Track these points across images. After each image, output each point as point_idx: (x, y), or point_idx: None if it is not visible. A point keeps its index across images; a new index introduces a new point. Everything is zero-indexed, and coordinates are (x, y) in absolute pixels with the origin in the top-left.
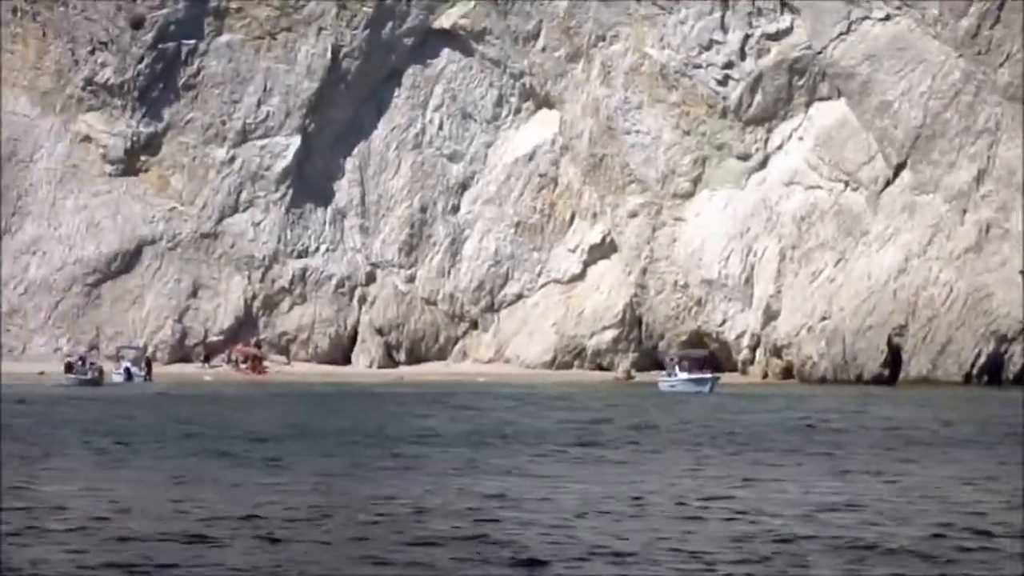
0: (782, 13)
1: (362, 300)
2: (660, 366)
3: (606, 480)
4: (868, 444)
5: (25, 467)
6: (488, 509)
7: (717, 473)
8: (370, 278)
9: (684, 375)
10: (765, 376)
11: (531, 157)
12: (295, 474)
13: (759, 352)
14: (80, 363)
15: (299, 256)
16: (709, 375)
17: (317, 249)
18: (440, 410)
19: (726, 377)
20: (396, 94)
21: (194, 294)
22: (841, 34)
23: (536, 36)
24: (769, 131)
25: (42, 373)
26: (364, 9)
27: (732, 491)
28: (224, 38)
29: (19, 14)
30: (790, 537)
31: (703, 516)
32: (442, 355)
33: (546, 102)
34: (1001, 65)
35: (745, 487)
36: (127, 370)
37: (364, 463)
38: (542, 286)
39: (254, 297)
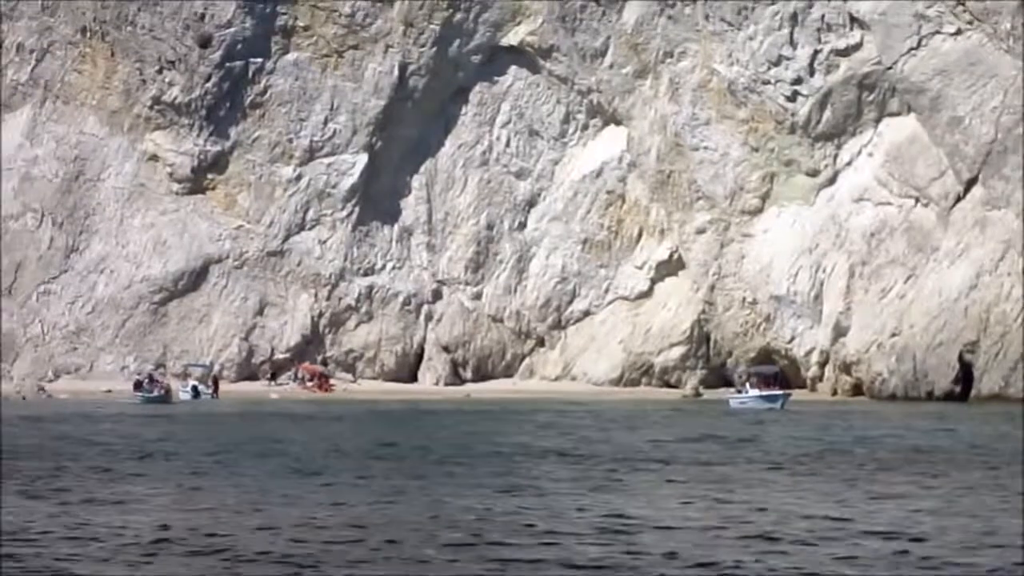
0: (852, 28)
1: (428, 317)
2: (727, 383)
3: (799, 502)
4: None
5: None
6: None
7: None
8: (436, 295)
9: (755, 392)
10: (834, 393)
11: (598, 174)
12: (411, 494)
13: (828, 369)
14: (148, 381)
15: (365, 274)
16: (780, 392)
17: (384, 267)
18: (528, 428)
19: (795, 394)
20: (463, 111)
21: (260, 312)
22: (911, 49)
23: (604, 53)
24: (838, 147)
25: (109, 391)
26: (431, 27)
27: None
28: (291, 56)
29: (88, 34)
30: None
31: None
32: (508, 372)
33: (613, 119)
34: None
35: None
36: (194, 388)
37: (480, 481)
38: (609, 303)
39: (320, 315)
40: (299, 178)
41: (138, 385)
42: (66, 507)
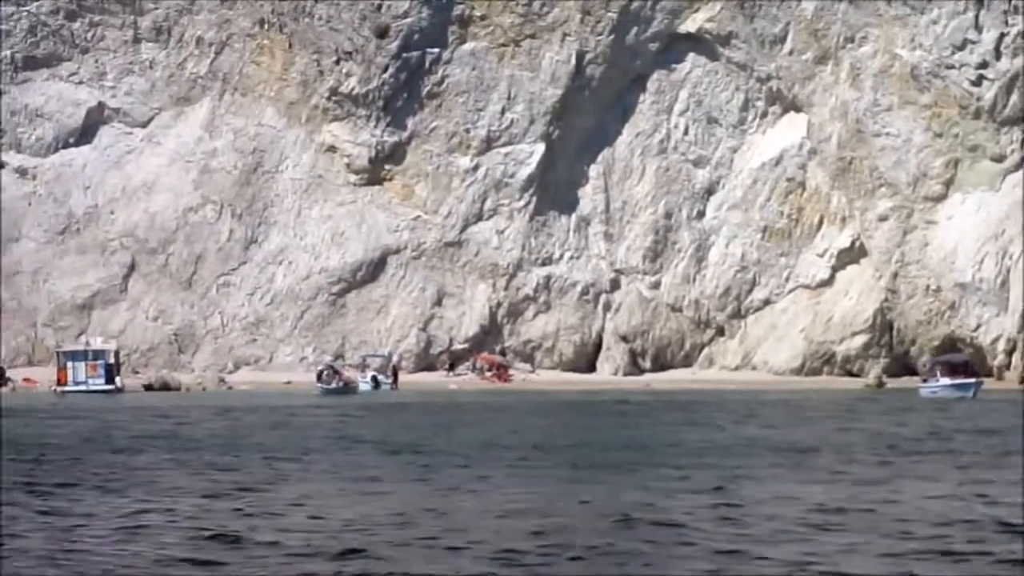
0: None
1: (607, 307)
2: (910, 372)
3: None
4: None
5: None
6: None
7: None
8: (615, 285)
9: (946, 380)
10: (1022, 381)
11: (778, 161)
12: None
13: (1016, 357)
14: (329, 372)
15: (543, 264)
16: (972, 380)
17: (561, 257)
18: (727, 418)
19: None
20: (640, 100)
21: (439, 302)
22: None
23: (783, 39)
24: None
25: (289, 383)
26: (608, 15)
27: None
28: (468, 46)
29: (265, 26)
30: None
31: None
32: (687, 362)
33: (793, 105)
34: None
35: None
36: (374, 378)
37: (712, 474)
38: (790, 291)
39: (498, 305)
40: (476, 168)
41: (320, 376)
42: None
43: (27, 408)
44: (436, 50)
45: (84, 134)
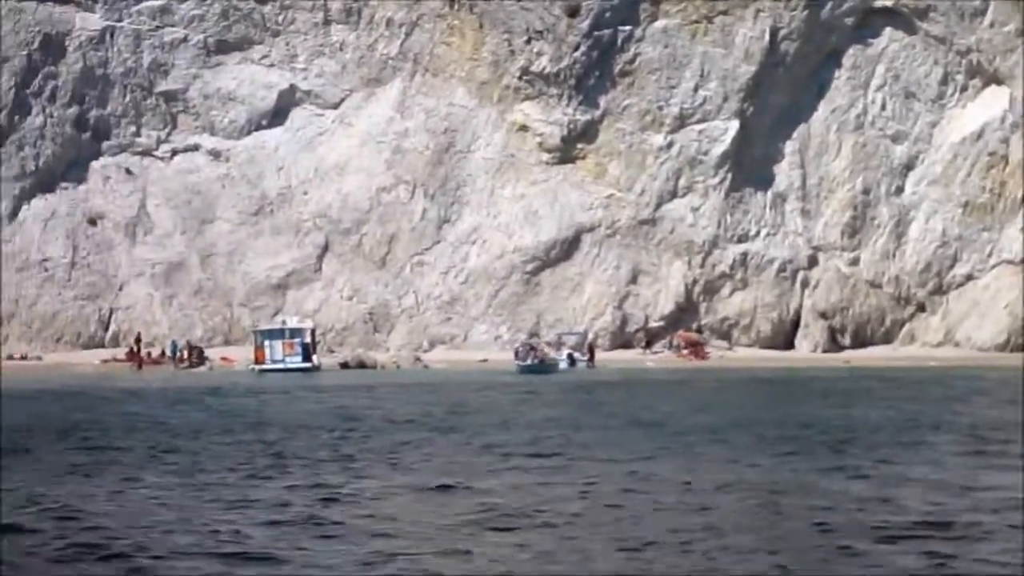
0: None
1: (804, 284)
2: None
3: None
4: None
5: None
6: None
7: None
8: (812, 261)
9: None
10: None
11: (979, 135)
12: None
13: None
14: (527, 350)
15: (739, 241)
16: None
17: (758, 233)
18: (960, 396)
19: None
20: (836, 75)
21: (634, 280)
22: None
23: (983, 11)
24: None
25: (484, 361)
26: None
27: None
28: (660, 23)
29: (456, 6)
30: None
31: None
32: (887, 339)
33: (994, 78)
34: None
35: None
36: (570, 356)
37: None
38: (993, 267)
39: (694, 282)
40: (670, 146)
41: (517, 353)
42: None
43: (243, 386)
44: (628, 28)
45: (276, 116)
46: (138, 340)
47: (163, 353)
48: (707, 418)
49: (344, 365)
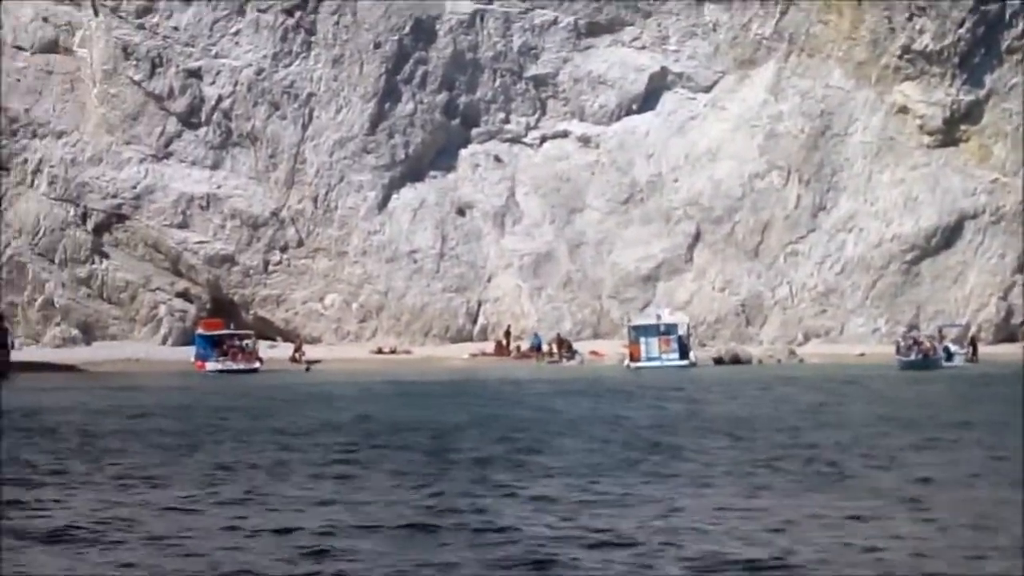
0: None
1: None
2: None
3: None
4: None
5: None
6: None
7: None
8: None
9: None
10: None
11: None
12: None
13: None
14: (911, 344)
15: None
16: None
17: None
18: None
19: None
20: None
21: (1020, 270)
22: None
23: None
24: None
25: (862, 355)
26: None
27: None
28: None
29: None
30: None
31: None
32: None
33: None
34: None
35: None
36: (946, 350)
37: None
38: None
39: None
40: None
41: (899, 348)
42: None
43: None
44: (1016, 1)
45: (647, 100)
46: (507, 333)
47: (533, 347)
48: None
49: (718, 360)
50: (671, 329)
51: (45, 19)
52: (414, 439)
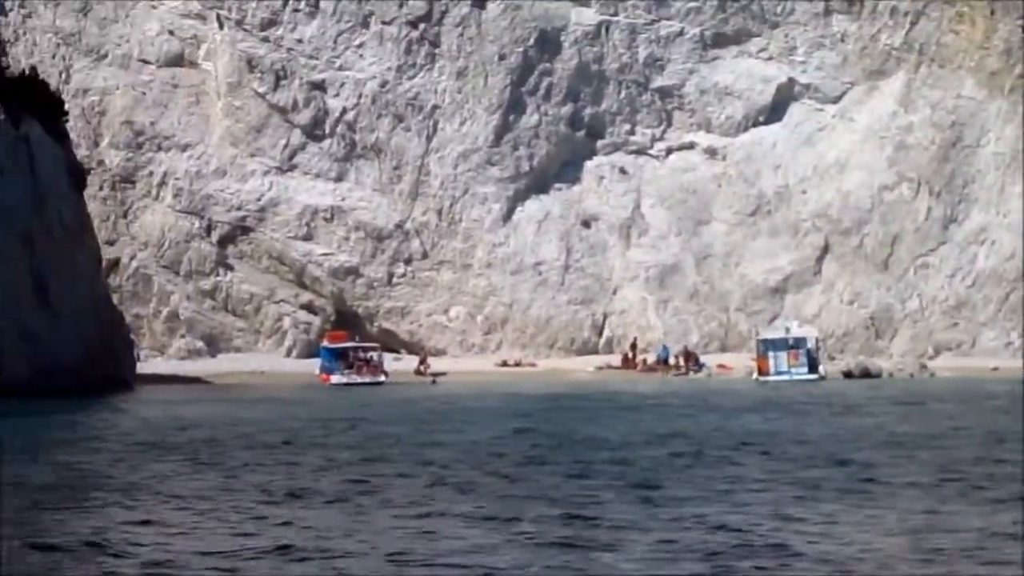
0: None
1: None
2: None
3: None
4: None
5: None
6: None
7: None
8: None
9: None
10: None
11: None
12: None
13: None
14: None
15: None
16: None
17: None
18: None
19: None
20: None
21: None
22: None
23: None
24: None
25: (995, 369)
26: None
27: None
28: None
29: None
30: None
31: None
32: None
33: None
34: None
35: None
36: None
37: None
38: None
39: None
40: None
41: None
42: None
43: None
44: None
45: (774, 112)
46: (633, 346)
47: (659, 360)
48: None
49: (847, 374)
50: (800, 342)
51: (171, 32)
52: (596, 454)
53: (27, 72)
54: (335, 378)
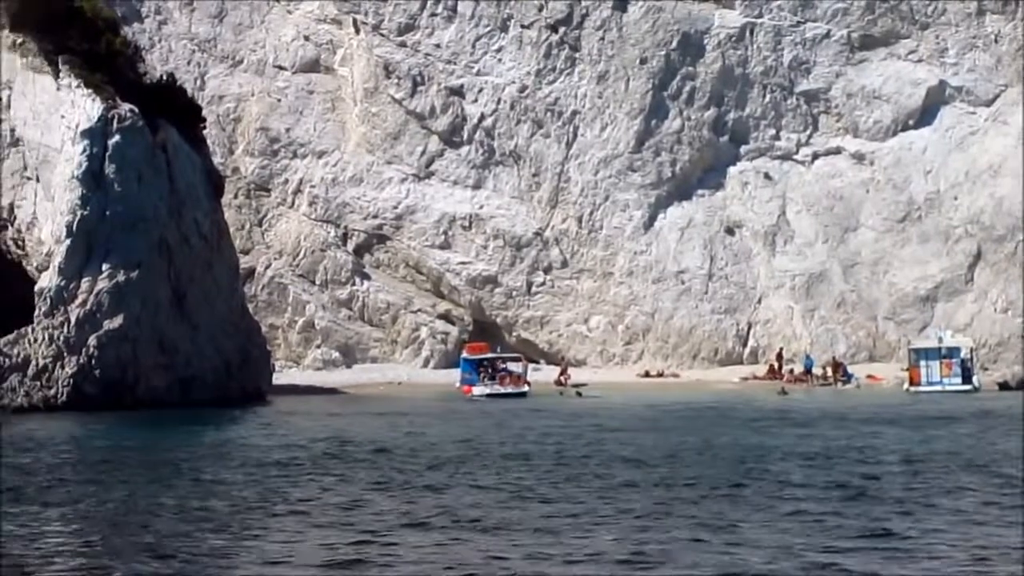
0: None
1: None
2: None
3: None
4: None
5: None
6: None
7: None
8: None
9: None
10: None
11: None
12: None
13: None
14: None
15: None
16: None
17: None
18: None
19: None
20: None
21: None
22: None
23: None
24: None
25: None
26: None
27: None
28: None
29: None
30: None
31: None
32: None
33: None
34: None
35: None
36: None
37: None
38: None
39: None
40: None
41: None
42: None
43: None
44: None
45: (924, 115)
46: (779, 356)
47: (805, 370)
48: None
49: (1003, 385)
50: (953, 352)
51: (307, 38)
52: (804, 469)
53: (164, 79)
54: (477, 389)
